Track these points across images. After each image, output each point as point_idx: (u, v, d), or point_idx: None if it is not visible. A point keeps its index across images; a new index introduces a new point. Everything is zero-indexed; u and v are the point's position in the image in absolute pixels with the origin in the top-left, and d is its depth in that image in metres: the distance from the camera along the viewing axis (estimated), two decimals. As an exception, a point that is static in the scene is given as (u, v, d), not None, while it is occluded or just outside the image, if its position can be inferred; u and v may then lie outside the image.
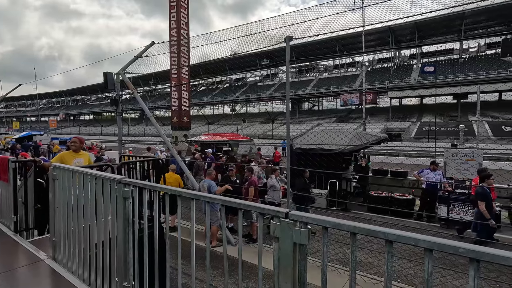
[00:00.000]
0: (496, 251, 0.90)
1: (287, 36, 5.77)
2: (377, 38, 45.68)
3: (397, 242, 1.07)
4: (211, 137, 14.69)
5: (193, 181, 6.74)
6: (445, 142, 20.47)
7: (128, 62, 8.43)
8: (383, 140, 9.89)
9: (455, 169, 8.10)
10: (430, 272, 1.02)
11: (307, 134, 11.02)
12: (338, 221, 1.19)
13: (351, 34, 36.04)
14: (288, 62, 5.82)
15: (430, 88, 37.26)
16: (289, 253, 1.31)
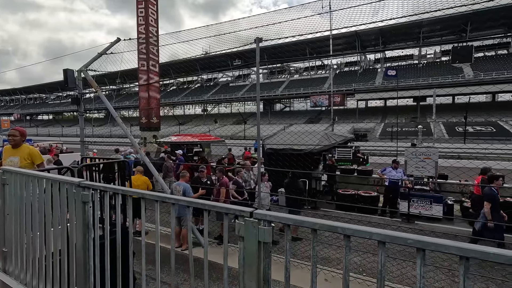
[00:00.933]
0: (439, 240, 0.98)
1: (256, 37, 5.81)
2: (345, 43, 47.62)
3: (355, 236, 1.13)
4: (181, 138, 14.35)
5: (162, 184, 6.54)
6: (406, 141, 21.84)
7: (91, 59, 7.99)
8: (349, 140, 10.32)
9: (414, 167, 8.68)
10: (383, 263, 1.09)
11: (278, 134, 11.19)
12: (300, 218, 1.23)
13: (320, 37, 37.22)
14: (258, 63, 5.86)
15: (392, 91, 39.55)
16: (253, 252, 1.32)
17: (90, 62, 8.03)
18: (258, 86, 5.82)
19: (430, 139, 24.95)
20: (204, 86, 66.83)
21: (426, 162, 8.47)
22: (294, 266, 5.05)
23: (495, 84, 34.26)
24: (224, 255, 1.47)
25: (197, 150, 13.52)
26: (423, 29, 42.07)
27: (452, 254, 0.98)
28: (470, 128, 31.17)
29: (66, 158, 10.53)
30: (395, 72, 11.77)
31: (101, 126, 62.43)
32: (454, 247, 0.95)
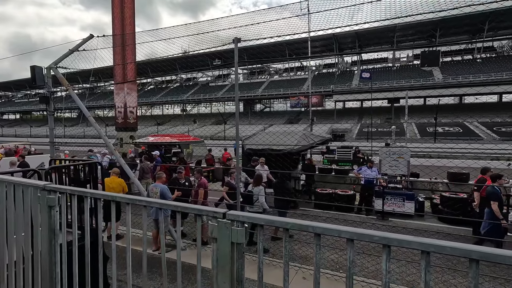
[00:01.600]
0: (402, 236, 1.03)
1: (235, 37, 5.81)
2: (323, 45, 48.63)
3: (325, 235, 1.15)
4: (159, 138, 14.03)
5: (138, 185, 6.36)
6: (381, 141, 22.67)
7: (62, 55, 7.62)
8: (327, 141, 10.54)
9: (388, 166, 9.03)
10: (351, 260, 1.12)
11: (258, 135, 11.23)
12: (271, 218, 1.24)
13: (299, 39, 37.77)
14: (236, 64, 5.86)
15: (367, 92, 40.92)
16: (226, 253, 1.32)
17: (60, 59, 7.65)
18: (236, 87, 5.82)
19: (403, 139, 26.02)
20: (183, 86, 65.76)
21: (399, 161, 8.84)
22: (278, 266, 5.09)
23: (460, 87, 36.47)
24: (198, 257, 1.46)
25: (175, 150, 13.27)
26: (397, 34, 43.86)
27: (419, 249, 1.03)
28: (440, 128, 32.87)
29: (34, 160, 9.94)
30: (369, 74, 12.28)
31: (74, 126, 59.69)
32: (416, 242, 1.00)
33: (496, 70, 37.64)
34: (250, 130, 35.64)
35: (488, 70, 38.27)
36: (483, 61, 42.96)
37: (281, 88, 50.78)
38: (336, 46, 47.72)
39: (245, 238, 1.31)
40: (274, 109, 61.07)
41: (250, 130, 33.99)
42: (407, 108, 15.59)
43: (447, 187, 9.97)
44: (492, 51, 45.07)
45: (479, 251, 0.92)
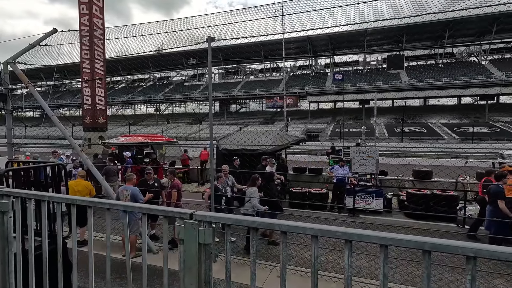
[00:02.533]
0: (362, 231, 1.07)
1: (208, 36, 5.75)
2: (298, 46, 49.58)
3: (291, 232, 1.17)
4: (131, 139, 13.53)
5: (107, 188, 6.10)
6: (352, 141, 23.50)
7: (21, 50, 7.12)
8: (301, 141, 10.74)
9: (359, 164, 9.39)
10: (316, 256, 1.15)
11: (233, 135, 11.19)
12: (239, 217, 1.24)
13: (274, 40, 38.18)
14: (210, 63, 5.80)
15: (339, 94, 42.31)
16: (193, 254, 1.30)
17: (19, 53, 7.15)
18: (210, 86, 5.76)
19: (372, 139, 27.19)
20: (157, 85, 63.97)
21: (368, 160, 9.22)
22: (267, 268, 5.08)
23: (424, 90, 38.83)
24: (164, 259, 1.42)
25: (148, 151, 12.86)
26: (367, 38, 45.78)
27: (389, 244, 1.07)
28: (406, 129, 34.72)
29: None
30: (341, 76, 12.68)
31: (36, 126, 55.90)
32: (375, 236, 1.05)
33: (455, 75, 40.50)
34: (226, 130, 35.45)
35: (449, 75, 41.09)
36: (444, 66, 46.02)
37: (256, 88, 51.03)
38: (310, 48, 48.82)
39: (213, 238, 1.30)
40: (250, 109, 61.22)
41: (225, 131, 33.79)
42: (376, 110, 16.48)
43: (412, 184, 10.57)
44: (452, 57, 48.44)
45: (431, 242, 0.99)
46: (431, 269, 1.03)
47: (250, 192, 6.00)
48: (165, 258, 1.42)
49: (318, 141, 36.31)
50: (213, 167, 5.51)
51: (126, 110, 67.35)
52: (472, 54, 47.38)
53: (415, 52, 49.25)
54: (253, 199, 5.95)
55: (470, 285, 0.96)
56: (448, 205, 7.88)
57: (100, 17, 21.60)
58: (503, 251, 0.91)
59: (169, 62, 55.36)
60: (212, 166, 5.60)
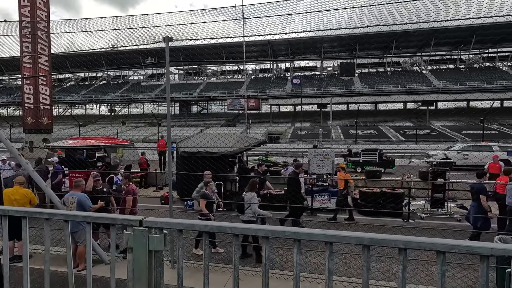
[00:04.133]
0: (309, 230, 1.13)
1: (166, 36, 5.59)
2: (259, 50, 50.33)
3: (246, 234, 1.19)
4: (81, 142, 12.51)
5: (51, 195, 5.56)
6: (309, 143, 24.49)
7: None
8: (262, 143, 10.89)
9: (316, 165, 9.81)
10: (267, 257, 1.18)
11: (194, 137, 10.97)
12: (191, 222, 1.23)
13: (235, 43, 38.36)
14: (167, 63, 5.63)
15: (298, 98, 43.82)
16: (143, 262, 1.25)
17: None
18: (168, 87, 5.60)
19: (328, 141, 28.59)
20: (111, 84, 60.16)
21: (325, 161, 9.68)
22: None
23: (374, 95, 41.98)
24: (111, 269, 1.34)
25: (100, 155, 12.01)
26: (324, 45, 48.17)
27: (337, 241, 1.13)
28: (360, 131, 37.10)
29: None
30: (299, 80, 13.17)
31: (-35, 127, 49.06)
32: (321, 234, 1.11)
33: (401, 82, 44.44)
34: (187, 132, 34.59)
35: (396, 82, 44.95)
36: (392, 74, 50.22)
37: (218, 90, 50.66)
38: (271, 53, 49.90)
39: (164, 244, 1.26)
40: (212, 111, 60.54)
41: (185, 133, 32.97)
42: (332, 113, 17.68)
43: (364, 183, 11.34)
44: (399, 66, 53.08)
45: (369, 237, 1.08)
46: (375, 263, 1.12)
47: (249, 198, 5.65)
48: (113, 268, 1.35)
49: (279, 143, 37.16)
50: (171, 170, 5.34)
51: (76, 110, 62.24)
52: (415, 64, 52.37)
53: (367, 60, 53.00)
54: (253, 204, 5.62)
55: (402, 274, 1.06)
56: (394, 202, 8.59)
57: (44, 9, 19.76)
58: (428, 241, 1.02)
59: (125, 60, 52.46)
60: (170, 170, 5.43)
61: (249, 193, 5.71)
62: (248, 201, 5.62)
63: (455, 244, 1.00)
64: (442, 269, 1.03)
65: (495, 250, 0.98)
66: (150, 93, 52.89)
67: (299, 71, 56.04)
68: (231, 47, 46.17)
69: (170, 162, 5.63)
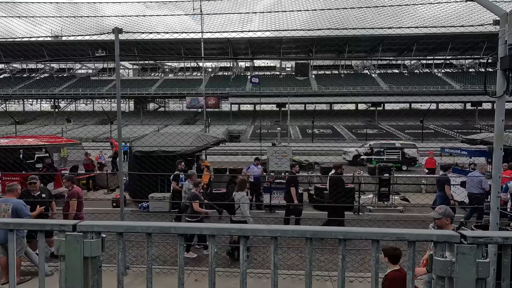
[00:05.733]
0: (255, 226, 1.14)
1: (115, 27, 5.26)
2: (219, 48, 49.81)
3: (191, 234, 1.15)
4: (16, 141, 11.16)
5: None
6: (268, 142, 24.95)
7: None
8: (221, 141, 10.80)
9: (274, 163, 10.02)
10: (213, 255, 1.17)
11: (149, 135, 10.46)
12: (132, 224, 1.16)
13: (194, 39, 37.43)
14: (117, 57, 5.30)
15: (258, 97, 44.38)
16: (78, 271, 1.15)
17: None
18: (118, 82, 5.28)
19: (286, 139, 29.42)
20: (55, 77, 54.72)
21: (283, 159, 9.93)
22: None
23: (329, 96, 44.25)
24: (40, 282, 1.21)
25: (41, 155, 10.85)
26: (283, 46, 49.34)
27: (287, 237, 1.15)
28: (316, 130, 38.77)
29: None
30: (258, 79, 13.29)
31: None
32: (266, 229, 1.13)
33: (353, 84, 47.43)
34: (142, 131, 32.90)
35: (348, 84, 47.84)
36: (345, 76, 53.32)
37: (176, 87, 49.03)
38: (231, 51, 49.68)
39: (102, 249, 1.17)
40: (170, 109, 58.40)
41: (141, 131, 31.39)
42: (289, 113, 18.44)
43: (320, 180, 11.87)
44: (351, 69, 56.56)
45: (311, 230, 1.12)
46: (315, 255, 1.17)
47: (238, 198, 5.46)
48: (41, 281, 1.22)
49: (239, 141, 37.22)
50: (122, 171, 5.02)
51: (12, 105, 55.49)
52: (365, 68, 56.24)
53: (322, 62, 55.55)
54: (243, 205, 5.38)
55: (341, 263, 1.12)
56: (346, 196, 9.13)
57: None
58: (363, 231, 1.09)
59: (70, 52, 48.08)
60: (121, 170, 5.11)
61: (238, 193, 5.56)
62: (238, 201, 5.43)
63: (386, 232, 1.09)
64: (376, 256, 1.11)
65: (420, 235, 1.08)
66: (101, 88, 49.26)
67: (259, 71, 56.68)
68: (189, 43, 44.91)
69: (121, 162, 5.30)
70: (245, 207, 5.42)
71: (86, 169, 10.71)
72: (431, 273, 1.11)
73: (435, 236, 1.05)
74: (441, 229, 3.01)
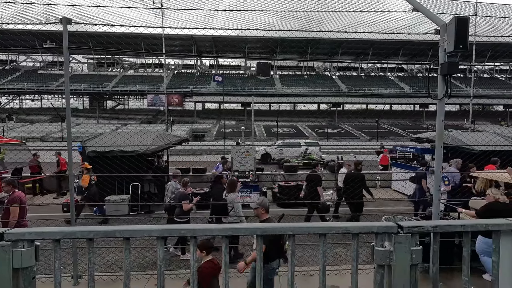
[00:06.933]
0: (205, 225, 1.12)
1: (63, 17, 4.85)
2: (182, 45, 48.43)
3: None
4: None
5: None
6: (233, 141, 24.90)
7: None
8: (183, 140, 10.54)
9: (239, 162, 10.01)
10: (162, 258, 1.13)
11: (106, 135, 9.83)
12: (71, 229, 1.07)
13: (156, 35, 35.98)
14: (66, 49, 4.88)
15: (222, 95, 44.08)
16: (6, 284, 1.03)
17: None
18: (67, 77, 4.87)
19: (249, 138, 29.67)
20: (-6, 70, 49.04)
21: (247, 158, 9.97)
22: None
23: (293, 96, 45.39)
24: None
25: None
26: (247, 45, 49.47)
27: None
28: (280, 129, 39.54)
29: None
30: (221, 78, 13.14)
31: None
32: (217, 229, 1.11)
33: (315, 85, 49.19)
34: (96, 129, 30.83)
35: (311, 84, 49.50)
36: (308, 77, 55.08)
37: (137, 84, 46.73)
38: (195, 48, 48.62)
39: (36, 258, 1.06)
40: (130, 106, 55.51)
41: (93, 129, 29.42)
42: (253, 112, 18.74)
43: (283, 178, 12.13)
44: (313, 70, 58.58)
45: (261, 227, 1.13)
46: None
47: (230, 199, 5.40)
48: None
49: (204, 140, 36.60)
50: (72, 173, 4.65)
51: None
52: (326, 70, 58.62)
53: (287, 62, 56.77)
54: (237, 206, 5.34)
55: (291, 258, 1.15)
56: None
57: None
58: (311, 226, 1.13)
59: (12, 42, 43.35)
60: (71, 172, 4.73)
61: (230, 195, 5.48)
62: (231, 203, 5.37)
63: (332, 226, 1.14)
64: (323, 249, 1.16)
65: (362, 228, 1.15)
66: (50, 83, 45.21)
67: (224, 69, 56.23)
68: (150, 39, 42.99)
69: (71, 163, 4.91)
70: (239, 207, 5.42)
71: (32, 171, 9.75)
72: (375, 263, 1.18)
73: (375, 228, 1.13)
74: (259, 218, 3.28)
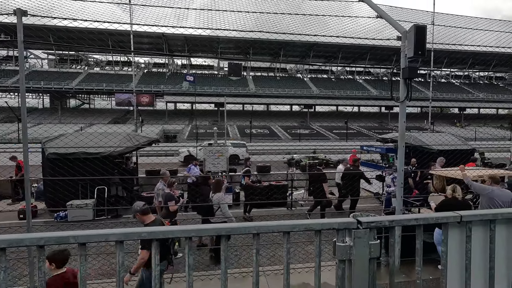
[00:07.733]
0: (168, 228, 1.10)
1: (18, 8, 4.49)
2: (152, 42, 46.93)
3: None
4: None
5: None
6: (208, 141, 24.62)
7: None
8: (153, 141, 10.23)
9: (211, 163, 9.90)
10: (121, 263, 1.08)
11: (65, 136, 9.24)
12: (18, 236, 0.99)
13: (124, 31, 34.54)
14: (21, 43, 4.52)
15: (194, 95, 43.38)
16: None
17: None
18: (22, 73, 4.51)
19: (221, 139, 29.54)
20: None
21: (220, 158, 9.89)
22: None
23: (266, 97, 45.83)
24: None
25: None
26: (220, 45, 49.14)
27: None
28: (254, 130, 39.73)
29: None
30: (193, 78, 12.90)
31: None
32: (179, 230, 1.09)
33: (287, 87, 50.05)
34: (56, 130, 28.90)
35: (284, 86, 50.28)
36: (280, 79, 55.90)
37: (103, 82, 44.51)
38: (166, 47, 47.37)
39: None
40: (95, 106, 52.74)
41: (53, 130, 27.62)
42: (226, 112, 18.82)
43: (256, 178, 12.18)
44: (286, 72, 59.55)
45: (226, 228, 1.13)
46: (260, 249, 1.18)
47: (217, 199, 5.44)
48: None
49: (176, 141, 35.74)
50: (28, 177, 4.31)
51: None
52: (298, 72, 59.87)
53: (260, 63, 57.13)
54: (223, 205, 5.40)
55: (255, 257, 1.15)
56: (281, 193, 9.59)
57: None
58: (275, 225, 1.15)
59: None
60: (27, 176, 4.38)
61: (216, 195, 5.55)
62: (217, 202, 5.43)
63: (296, 224, 1.17)
64: (287, 247, 1.18)
65: (324, 224, 1.19)
66: (4, 80, 41.68)
67: (197, 69, 55.36)
68: (116, 36, 41.13)
69: (28, 166, 4.55)
70: (225, 207, 5.53)
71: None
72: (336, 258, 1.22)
73: (336, 224, 1.17)
74: None
